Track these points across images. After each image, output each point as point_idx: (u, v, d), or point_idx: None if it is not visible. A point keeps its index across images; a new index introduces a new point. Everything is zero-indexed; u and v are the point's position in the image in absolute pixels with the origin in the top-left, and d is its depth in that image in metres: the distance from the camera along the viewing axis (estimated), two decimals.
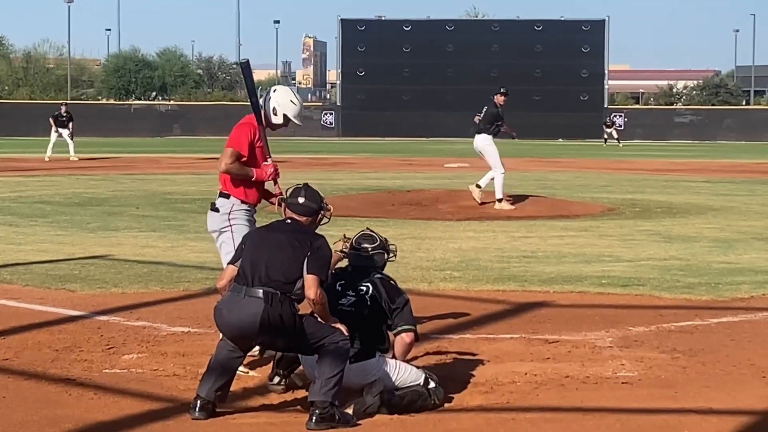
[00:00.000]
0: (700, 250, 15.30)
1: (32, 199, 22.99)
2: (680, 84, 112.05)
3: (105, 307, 10.67)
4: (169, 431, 6.81)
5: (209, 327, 9.69)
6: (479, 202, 21.15)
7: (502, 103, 21.33)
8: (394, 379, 7.26)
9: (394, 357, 7.48)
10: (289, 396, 7.57)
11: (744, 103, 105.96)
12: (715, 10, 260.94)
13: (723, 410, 7.25)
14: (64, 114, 42.31)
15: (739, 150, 59.51)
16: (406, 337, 7.44)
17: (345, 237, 7.93)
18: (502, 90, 21.52)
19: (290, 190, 7.39)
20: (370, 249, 7.66)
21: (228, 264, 7.32)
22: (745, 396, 7.58)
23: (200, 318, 10.11)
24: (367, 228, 7.90)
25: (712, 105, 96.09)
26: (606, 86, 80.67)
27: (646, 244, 16.04)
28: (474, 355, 8.70)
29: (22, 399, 7.39)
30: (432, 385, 7.35)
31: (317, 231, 7.32)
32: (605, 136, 66.97)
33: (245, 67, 8.78)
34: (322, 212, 7.34)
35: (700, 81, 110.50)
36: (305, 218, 7.26)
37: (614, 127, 68.35)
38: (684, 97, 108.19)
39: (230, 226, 8.40)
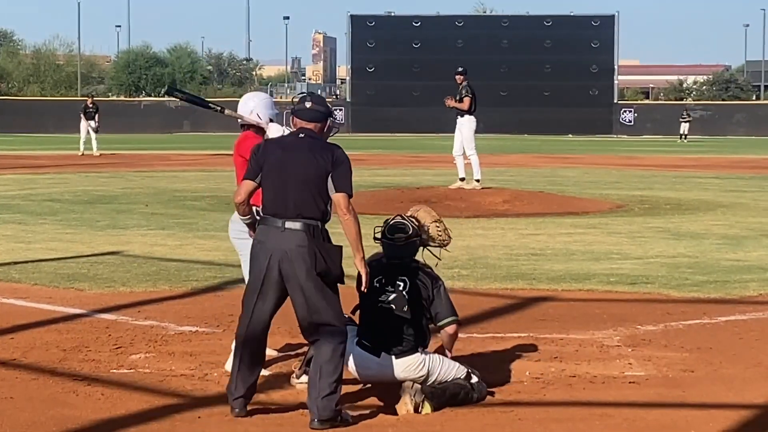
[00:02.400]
0: (708, 248, 15.27)
1: (42, 197, 23.02)
2: (690, 79, 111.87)
3: (113, 306, 10.68)
4: None
5: (217, 326, 9.73)
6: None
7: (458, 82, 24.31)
8: (437, 373, 7.30)
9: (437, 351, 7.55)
10: (293, 395, 7.56)
11: (754, 98, 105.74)
12: (725, 4, 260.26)
13: (731, 410, 7.24)
14: (90, 105, 44.70)
15: (748, 145, 59.39)
16: (450, 330, 7.49)
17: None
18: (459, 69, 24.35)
19: (296, 98, 7.17)
20: (404, 238, 7.47)
21: (244, 179, 7.00)
22: (753, 395, 7.56)
23: (208, 317, 10.13)
24: (399, 215, 7.63)
25: (722, 100, 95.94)
26: (616, 81, 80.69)
27: (655, 242, 16.02)
28: (481, 354, 8.71)
29: (30, 399, 7.39)
30: (474, 379, 7.40)
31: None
32: (683, 132, 66.50)
33: (171, 92, 8.26)
34: (330, 119, 7.12)
35: (710, 76, 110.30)
36: (314, 124, 7.02)
37: (690, 120, 67.78)
38: (694, 92, 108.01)
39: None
